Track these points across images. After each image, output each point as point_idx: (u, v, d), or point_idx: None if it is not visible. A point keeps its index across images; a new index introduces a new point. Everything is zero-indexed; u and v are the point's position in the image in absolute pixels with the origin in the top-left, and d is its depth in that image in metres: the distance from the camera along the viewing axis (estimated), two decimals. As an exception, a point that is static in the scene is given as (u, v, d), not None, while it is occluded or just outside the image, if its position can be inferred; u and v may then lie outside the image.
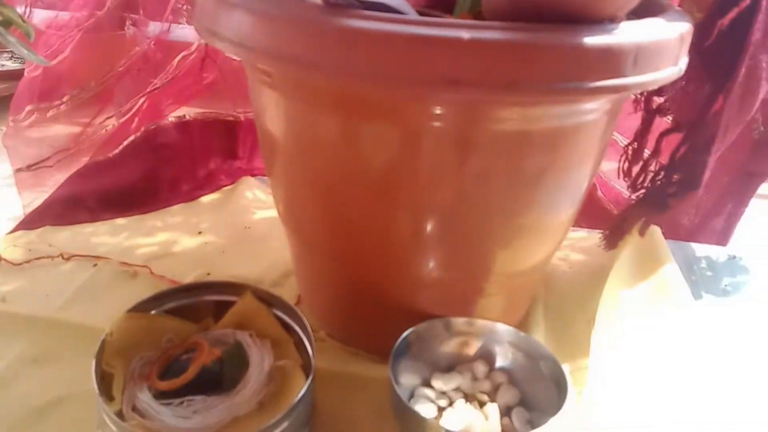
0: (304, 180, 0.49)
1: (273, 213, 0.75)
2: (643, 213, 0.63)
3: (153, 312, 0.48)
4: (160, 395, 0.44)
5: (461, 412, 0.45)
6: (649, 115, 0.59)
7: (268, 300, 0.50)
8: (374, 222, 0.47)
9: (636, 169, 0.64)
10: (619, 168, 0.64)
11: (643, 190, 0.64)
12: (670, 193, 0.62)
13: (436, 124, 0.39)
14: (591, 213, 0.77)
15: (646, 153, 0.64)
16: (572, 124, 0.41)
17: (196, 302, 0.50)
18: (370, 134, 0.41)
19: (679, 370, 0.54)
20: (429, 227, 0.46)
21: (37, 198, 0.81)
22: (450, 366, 0.50)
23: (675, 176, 0.61)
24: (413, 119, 0.40)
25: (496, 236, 0.47)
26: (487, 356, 0.50)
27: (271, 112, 0.47)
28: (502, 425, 0.45)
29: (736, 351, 0.57)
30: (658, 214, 0.62)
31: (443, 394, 0.48)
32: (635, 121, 0.63)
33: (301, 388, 0.42)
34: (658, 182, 0.62)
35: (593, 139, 0.44)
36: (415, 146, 0.41)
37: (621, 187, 0.82)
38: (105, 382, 0.43)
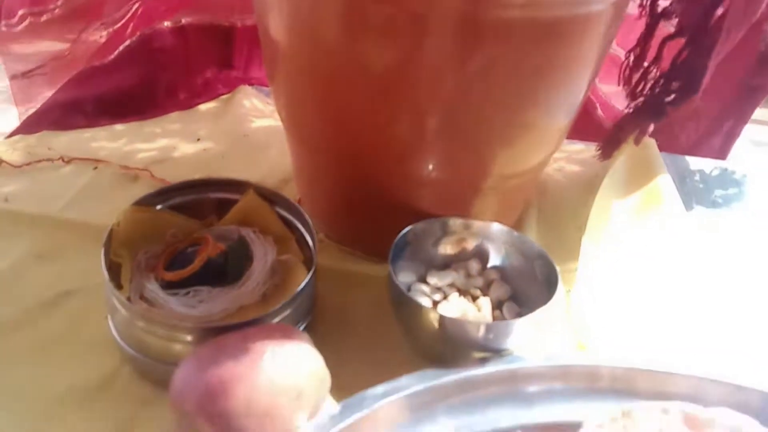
0: (305, 79, 0.49)
1: (271, 122, 0.75)
2: (640, 121, 0.64)
3: (158, 207, 0.49)
4: (167, 286, 0.46)
5: (455, 304, 0.47)
6: (653, 19, 0.58)
7: (271, 198, 0.51)
8: (375, 120, 0.47)
9: (636, 77, 0.64)
10: (619, 76, 0.64)
11: (641, 98, 0.64)
12: (669, 100, 0.62)
13: (442, 9, 0.39)
14: (590, 130, 0.77)
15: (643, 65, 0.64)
16: (579, 14, 0.41)
17: (200, 199, 0.51)
18: (374, 22, 0.41)
19: (666, 276, 0.56)
20: (430, 124, 0.46)
21: (32, 108, 0.81)
22: (445, 264, 0.52)
23: (675, 83, 0.61)
24: (418, 3, 0.39)
25: (496, 134, 0.47)
26: (481, 255, 0.52)
27: (274, 8, 0.46)
28: (493, 316, 0.47)
29: (724, 260, 0.59)
30: (655, 122, 0.63)
31: (438, 289, 0.50)
32: (637, 34, 0.62)
33: (302, 282, 0.44)
34: (657, 90, 0.63)
35: (596, 35, 0.44)
36: (419, 35, 0.40)
37: (621, 106, 0.82)
38: (113, 271, 0.45)
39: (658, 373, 0.43)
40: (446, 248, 0.51)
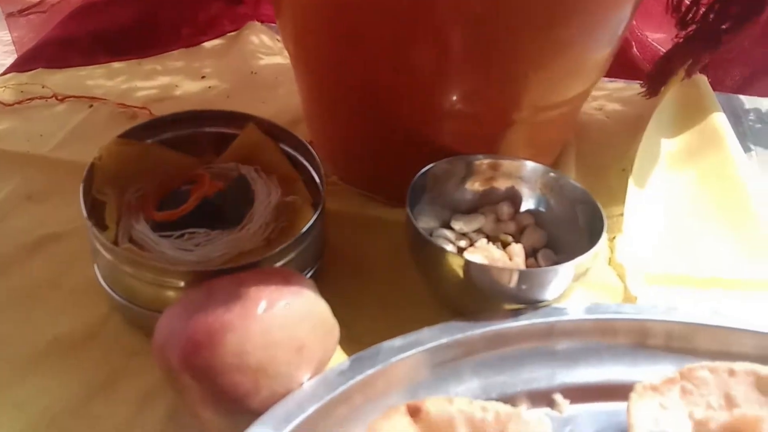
0: (314, 7, 0.43)
1: (281, 59, 0.69)
2: (692, 51, 0.56)
3: (148, 142, 0.44)
4: (158, 227, 0.41)
5: (483, 250, 0.42)
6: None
7: (274, 133, 0.46)
8: (390, 43, 0.41)
9: (686, 3, 0.56)
10: (667, 2, 0.57)
11: (692, 27, 0.56)
12: (725, 27, 0.54)
13: None
14: (625, 70, 0.70)
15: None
16: None
17: (196, 134, 0.45)
18: None
19: (724, 222, 0.49)
20: (453, 45, 0.40)
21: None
22: (472, 208, 0.46)
23: (733, 8, 0.54)
24: None
25: (528, 57, 0.41)
26: (513, 197, 0.46)
27: None
28: (526, 264, 0.42)
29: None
30: (710, 51, 0.55)
31: (464, 235, 0.44)
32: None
33: (308, 223, 0.39)
34: (712, 16, 0.55)
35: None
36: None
37: (658, 45, 0.74)
38: (97, 210, 0.40)
39: (722, 329, 0.37)
40: (473, 190, 0.46)
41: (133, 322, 0.39)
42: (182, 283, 0.36)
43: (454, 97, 0.43)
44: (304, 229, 0.38)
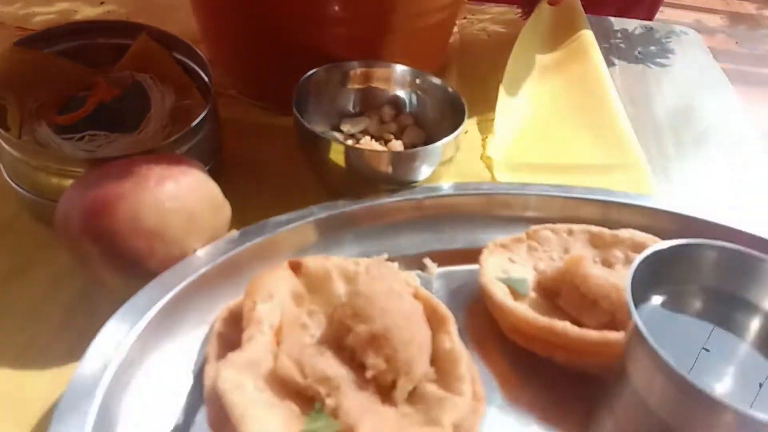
0: None
1: (181, -16, 0.70)
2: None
3: (45, 51, 0.46)
4: (60, 131, 0.43)
5: (367, 146, 0.46)
6: None
7: (167, 42, 0.48)
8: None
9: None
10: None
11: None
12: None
13: None
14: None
15: None
16: None
17: (91, 45, 0.47)
18: None
19: (584, 121, 0.56)
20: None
21: None
22: (358, 113, 0.51)
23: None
24: None
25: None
26: (394, 101, 0.51)
27: None
28: (405, 156, 0.47)
29: (646, 108, 0.60)
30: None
31: (351, 136, 0.49)
32: None
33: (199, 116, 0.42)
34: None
35: None
36: None
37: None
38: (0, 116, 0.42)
39: (569, 199, 0.43)
40: (353, 90, 0.50)
41: (41, 217, 0.42)
42: (83, 171, 0.39)
43: (334, 7, 0.47)
44: (196, 121, 0.41)
